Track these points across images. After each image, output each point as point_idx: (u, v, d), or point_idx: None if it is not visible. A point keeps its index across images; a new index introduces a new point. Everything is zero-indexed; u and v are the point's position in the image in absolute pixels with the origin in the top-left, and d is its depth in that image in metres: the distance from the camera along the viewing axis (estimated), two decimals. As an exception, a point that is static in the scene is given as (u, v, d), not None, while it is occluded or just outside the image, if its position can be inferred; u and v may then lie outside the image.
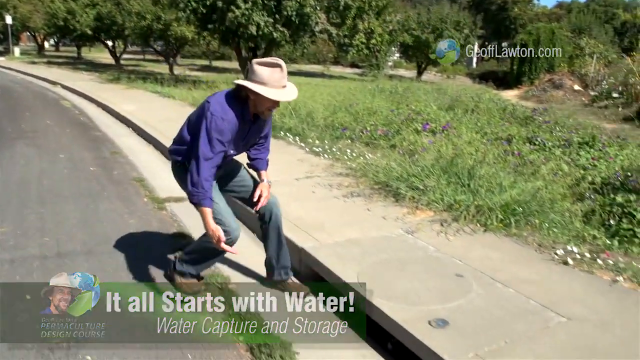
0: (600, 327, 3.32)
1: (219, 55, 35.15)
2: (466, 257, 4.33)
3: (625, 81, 18.36)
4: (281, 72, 3.33)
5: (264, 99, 3.29)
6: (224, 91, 3.49)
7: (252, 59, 18.64)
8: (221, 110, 3.29)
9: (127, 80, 17.83)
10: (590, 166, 7.42)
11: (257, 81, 3.26)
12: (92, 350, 3.08)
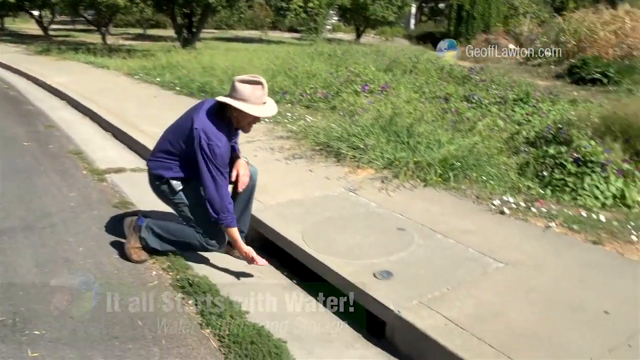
0: (535, 270, 3.46)
1: (154, 24, 34.01)
2: (407, 211, 4.42)
3: (557, 40, 18.82)
4: (262, 89, 3.44)
5: (246, 114, 3.43)
6: (204, 109, 3.51)
7: (187, 26, 18.14)
8: (215, 138, 3.38)
9: (57, 52, 17.05)
10: (525, 121, 7.63)
11: (239, 98, 3.38)
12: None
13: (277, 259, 3.93)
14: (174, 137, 3.58)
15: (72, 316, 3.05)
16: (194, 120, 3.43)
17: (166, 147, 3.61)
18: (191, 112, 3.58)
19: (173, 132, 3.64)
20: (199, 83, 10.07)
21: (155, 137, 6.39)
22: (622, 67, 14.15)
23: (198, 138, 3.37)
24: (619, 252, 3.81)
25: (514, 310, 2.97)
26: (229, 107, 3.45)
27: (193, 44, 17.69)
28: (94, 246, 3.98)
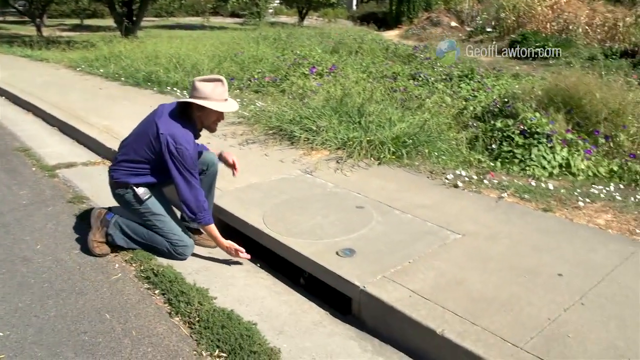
0: (491, 239, 3.60)
1: (91, 13, 33.01)
2: (364, 189, 4.50)
3: (497, 16, 19.25)
4: (222, 86, 3.49)
5: (209, 112, 3.47)
6: (166, 113, 3.51)
7: (127, 15, 17.72)
8: (183, 141, 3.39)
9: (-11, 46, 16.43)
10: (471, 97, 7.81)
11: (201, 97, 3.42)
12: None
13: (238, 244, 3.94)
14: (138, 144, 3.54)
15: (37, 315, 3.01)
16: (159, 125, 3.42)
17: (130, 156, 3.57)
18: (153, 117, 3.55)
19: (136, 140, 3.59)
20: (144, 73, 9.90)
21: (106, 129, 6.40)
22: (560, 41, 14.61)
23: (166, 143, 3.37)
24: (568, 218, 3.99)
25: (474, 278, 3.08)
26: (192, 108, 3.48)
27: (134, 33, 17.29)
28: (51, 243, 3.91)
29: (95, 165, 5.74)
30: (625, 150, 5.51)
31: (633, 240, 3.67)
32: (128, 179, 3.58)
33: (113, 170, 3.66)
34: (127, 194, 3.60)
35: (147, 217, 3.62)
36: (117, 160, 3.67)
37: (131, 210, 3.67)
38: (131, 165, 3.57)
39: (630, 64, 12.15)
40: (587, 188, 4.63)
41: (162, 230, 3.61)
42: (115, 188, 3.67)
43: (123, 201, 3.67)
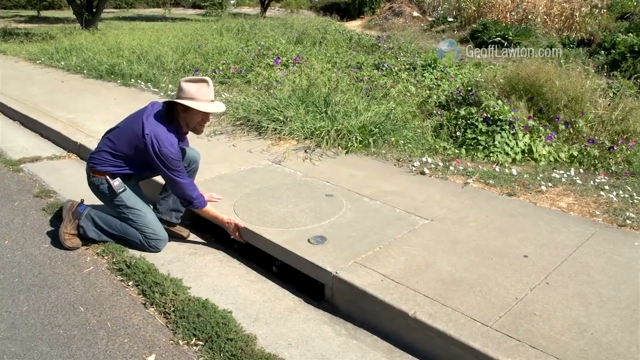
0: (458, 223, 3.69)
1: (48, 5, 32.21)
2: (333, 178, 4.56)
3: (458, 6, 19.47)
4: (207, 87, 3.48)
5: (194, 113, 3.47)
6: (152, 113, 3.49)
7: (86, 6, 17.34)
8: (167, 144, 3.40)
9: (-62, 38, 15.89)
10: (435, 86, 7.92)
11: (186, 97, 3.42)
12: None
13: (211, 234, 3.97)
14: (122, 138, 3.54)
15: (8, 310, 2.99)
16: (145, 125, 3.42)
17: (112, 147, 3.56)
18: (141, 114, 3.53)
19: (121, 133, 3.58)
20: (107, 65, 9.75)
21: (70, 122, 6.33)
22: (520, 30, 14.87)
23: (151, 144, 3.38)
24: (531, 202, 4.12)
25: (443, 261, 3.17)
26: (177, 110, 3.49)
27: (95, 24, 16.95)
28: (20, 238, 3.87)
29: (61, 159, 5.66)
30: (584, 135, 5.69)
31: (593, 221, 3.81)
32: (105, 167, 3.56)
33: (92, 157, 3.65)
34: (101, 184, 3.59)
35: (121, 209, 3.61)
36: (98, 148, 3.65)
37: (105, 201, 3.68)
38: (111, 156, 3.56)
39: (587, 52, 12.46)
40: (549, 173, 4.78)
41: (136, 224, 3.61)
42: (90, 176, 3.65)
43: (98, 191, 3.66)
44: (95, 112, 6.78)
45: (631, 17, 16.92)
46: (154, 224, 3.65)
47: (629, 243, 3.47)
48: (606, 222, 3.81)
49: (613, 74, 9.37)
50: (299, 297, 3.22)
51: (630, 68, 10.17)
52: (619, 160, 5.23)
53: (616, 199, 4.19)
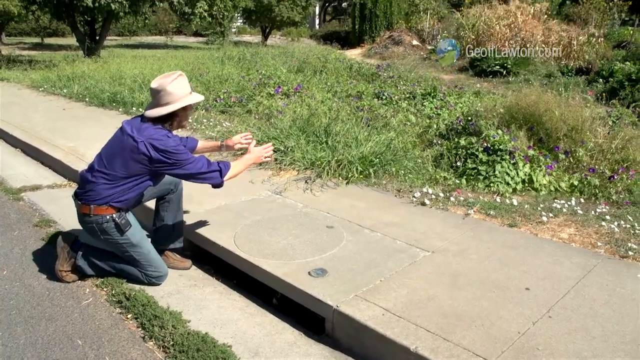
0: (459, 255, 3.68)
1: (52, 32, 32.59)
2: (333, 209, 4.55)
3: (457, 34, 19.65)
4: (184, 77, 3.43)
5: (190, 108, 3.50)
6: (132, 126, 3.39)
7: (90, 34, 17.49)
8: (165, 138, 3.32)
9: (-57, 65, 16.05)
10: (435, 115, 7.96)
11: (179, 97, 3.36)
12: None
13: (211, 266, 3.96)
14: (114, 165, 3.34)
15: (5, 343, 2.97)
16: (135, 137, 3.29)
17: (105, 180, 3.35)
18: (121, 135, 3.39)
19: (110, 162, 3.36)
20: (109, 93, 9.82)
21: (71, 151, 6.33)
22: (518, 59, 14.97)
23: (152, 148, 3.27)
24: (533, 233, 4.11)
25: (444, 294, 3.15)
26: (176, 116, 3.41)
27: (97, 52, 17.15)
28: (19, 269, 3.85)
29: (61, 188, 5.67)
30: (585, 165, 5.68)
31: (595, 253, 3.80)
32: (107, 201, 3.36)
33: (86, 195, 3.41)
34: (105, 223, 3.38)
35: (125, 248, 3.48)
36: (89, 185, 3.40)
37: (106, 241, 3.48)
38: (108, 187, 3.35)
39: (585, 80, 12.55)
40: (549, 203, 4.77)
41: (139, 262, 3.53)
42: (90, 215, 3.40)
43: (99, 231, 3.43)
44: (96, 141, 6.77)
45: (628, 45, 17.10)
46: (156, 260, 3.59)
47: (631, 275, 3.46)
48: (608, 253, 3.80)
49: (612, 102, 9.42)
50: (299, 330, 3.19)
51: (628, 96, 10.23)
52: (620, 190, 5.22)
53: (618, 230, 4.18)
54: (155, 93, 3.36)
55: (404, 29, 23.61)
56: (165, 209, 3.86)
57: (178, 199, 3.91)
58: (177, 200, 3.89)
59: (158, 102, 3.36)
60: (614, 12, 24.41)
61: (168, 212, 3.86)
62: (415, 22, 24.87)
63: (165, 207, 3.85)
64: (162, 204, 3.86)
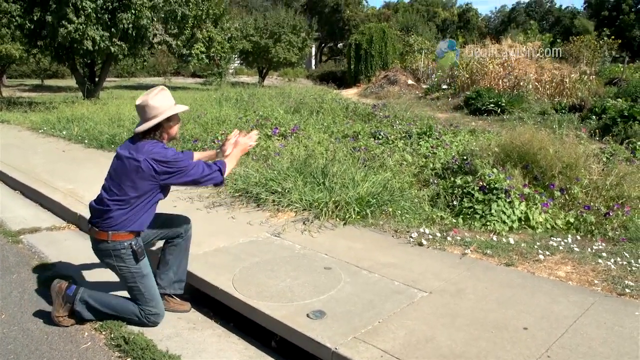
0: (457, 296, 3.70)
1: (52, 74, 32.98)
2: (331, 250, 4.58)
3: (452, 74, 19.96)
4: (166, 91, 3.55)
5: (173, 119, 3.54)
6: (127, 148, 3.49)
7: (89, 76, 17.69)
8: (163, 150, 3.43)
9: (-55, 107, 16.20)
10: (431, 154, 8.02)
11: (163, 110, 3.45)
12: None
13: (209, 308, 3.96)
14: (123, 189, 3.41)
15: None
16: (135, 156, 3.38)
17: (118, 205, 3.41)
18: (121, 161, 3.46)
19: (119, 187, 3.43)
20: (107, 135, 9.92)
21: (70, 193, 6.38)
22: (512, 98, 15.16)
23: (154, 162, 3.37)
24: (529, 272, 4.14)
25: (442, 335, 3.16)
26: (160, 127, 3.48)
27: (96, 94, 17.34)
28: (17, 312, 3.85)
29: (60, 230, 5.69)
30: (580, 202, 5.73)
31: (592, 291, 3.82)
32: (123, 225, 3.42)
33: (103, 222, 3.45)
34: (122, 249, 3.44)
35: (135, 278, 3.50)
36: (102, 213, 3.45)
37: (119, 269, 3.50)
38: (122, 212, 3.41)
39: (578, 117, 12.71)
40: (546, 241, 4.81)
41: (143, 297, 3.53)
42: (107, 242, 3.44)
43: (114, 257, 3.47)
44: (95, 183, 6.76)
45: (619, 82, 17.37)
46: (158, 297, 3.61)
47: (629, 313, 3.47)
48: (605, 291, 3.82)
49: (605, 138, 9.54)
50: (298, 373, 3.19)
51: (621, 132, 10.35)
52: (616, 226, 5.27)
53: (614, 267, 4.21)
54: (140, 109, 3.49)
55: (399, 69, 23.96)
56: (171, 252, 3.88)
57: (186, 245, 3.93)
58: (184, 246, 3.91)
59: (144, 118, 3.46)
60: (604, 50, 24.89)
61: (174, 256, 3.88)
62: (410, 62, 25.27)
63: (172, 250, 3.88)
64: (170, 248, 3.88)
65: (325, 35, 50.33)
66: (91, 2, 14.24)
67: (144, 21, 15.21)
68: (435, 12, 62.62)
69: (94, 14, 14.46)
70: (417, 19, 46.11)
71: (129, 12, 14.90)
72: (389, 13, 52.62)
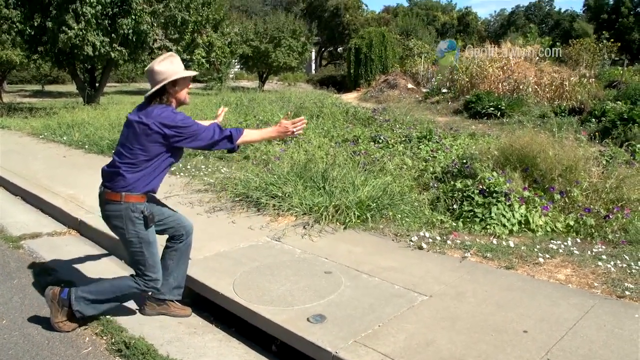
0: (457, 299, 3.70)
1: (52, 79, 33.05)
2: (331, 254, 4.59)
3: (451, 77, 20.00)
4: (174, 57, 3.55)
5: (182, 84, 3.54)
6: (140, 110, 3.50)
7: (89, 81, 17.74)
8: (172, 113, 3.42)
9: (-55, 113, 16.23)
10: (431, 158, 8.04)
11: (169, 74, 3.45)
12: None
13: (210, 312, 3.97)
14: (134, 152, 3.44)
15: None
16: (144, 121, 3.40)
17: (130, 167, 3.45)
18: (131, 124, 3.47)
19: (130, 151, 3.45)
20: (108, 140, 9.93)
21: (71, 198, 6.40)
22: (512, 101, 15.20)
23: (163, 126, 3.37)
24: (529, 275, 4.14)
25: (442, 339, 3.17)
26: (164, 94, 3.48)
27: (97, 99, 17.37)
28: (18, 318, 3.85)
29: (61, 236, 5.70)
30: (580, 204, 5.74)
31: (592, 293, 3.83)
32: (136, 185, 3.46)
33: (115, 184, 3.48)
34: (134, 213, 3.47)
35: (141, 245, 3.52)
36: (116, 175, 3.49)
37: (127, 233, 3.51)
38: (136, 173, 3.46)
39: (578, 120, 12.73)
40: (546, 244, 4.82)
41: (146, 261, 3.54)
42: (116, 203, 3.48)
43: (125, 219, 3.48)
44: (95, 188, 6.70)
45: (618, 85, 17.39)
46: (158, 265, 3.64)
47: (629, 315, 3.48)
48: (605, 293, 3.83)
49: (605, 141, 9.55)
50: (299, 377, 3.19)
51: (621, 135, 10.38)
52: (616, 229, 5.27)
53: (614, 269, 4.22)
54: (148, 75, 3.53)
55: (399, 73, 24.00)
56: (172, 257, 3.88)
57: (186, 250, 3.93)
58: (185, 251, 3.91)
59: (151, 83, 3.50)
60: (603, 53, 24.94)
61: (174, 261, 3.87)
62: (410, 66, 25.31)
63: (172, 256, 3.88)
64: (170, 253, 3.88)
65: (325, 40, 50.41)
66: (91, 8, 14.25)
67: (144, 26, 15.23)
68: (434, 15, 62.80)
69: (94, 20, 14.48)
70: (417, 22, 46.25)
71: (129, 17, 14.92)
72: (388, 17, 52.76)
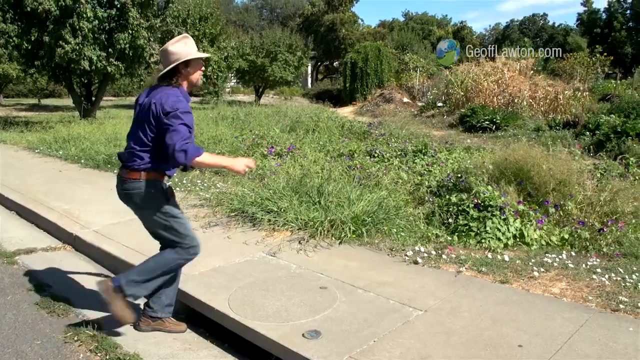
0: (452, 314, 3.71)
1: (48, 93, 33.05)
2: (327, 269, 4.59)
3: (447, 91, 20.10)
4: (188, 39, 3.58)
5: (195, 66, 3.57)
6: (151, 91, 3.56)
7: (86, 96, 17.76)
8: (175, 98, 3.41)
9: (-59, 127, 16.21)
10: (426, 172, 8.06)
11: (183, 54, 3.49)
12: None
13: (205, 328, 3.96)
14: (147, 129, 3.47)
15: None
16: (152, 100, 3.44)
17: (144, 145, 3.49)
18: (140, 102, 3.57)
19: (144, 129, 3.49)
20: (104, 155, 9.93)
21: (66, 213, 6.40)
22: (507, 114, 15.27)
23: (160, 106, 3.37)
24: (524, 289, 4.16)
25: (438, 354, 3.17)
26: (176, 75, 3.51)
27: (93, 113, 17.39)
28: (11, 334, 3.83)
29: (56, 251, 5.68)
30: (574, 218, 5.76)
31: (587, 307, 3.84)
32: (153, 164, 3.49)
33: (131, 161, 3.53)
34: (152, 189, 3.51)
35: (167, 219, 3.57)
36: (131, 154, 3.55)
37: (151, 211, 3.57)
38: (152, 152, 3.49)
39: (572, 133, 12.79)
40: (541, 257, 4.83)
41: (178, 232, 3.59)
42: (138, 180, 3.52)
43: (145, 196, 3.53)
44: (91, 203, 6.87)
45: (612, 98, 17.50)
46: (191, 231, 3.70)
47: (623, 329, 3.49)
48: (600, 307, 3.84)
49: (599, 154, 9.60)
50: (294, 393, 3.19)
51: (615, 148, 10.43)
52: (610, 242, 5.29)
53: (609, 282, 4.24)
54: (162, 55, 3.58)
55: (394, 87, 24.11)
56: None
57: (180, 269, 3.92)
58: (178, 270, 3.90)
59: (164, 64, 3.53)
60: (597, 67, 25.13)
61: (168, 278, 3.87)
62: (406, 80, 25.44)
63: None
64: None
65: (321, 54, 50.55)
66: (88, 23, 14.33)
67: (141, 41, 15.28)
68: (430, 30, 63.14)
69: (91, 35, 14.56)
70: (412, 37, 46.40)
71: (126, 32, 15.00)
72: (384, 32, 53.01)
